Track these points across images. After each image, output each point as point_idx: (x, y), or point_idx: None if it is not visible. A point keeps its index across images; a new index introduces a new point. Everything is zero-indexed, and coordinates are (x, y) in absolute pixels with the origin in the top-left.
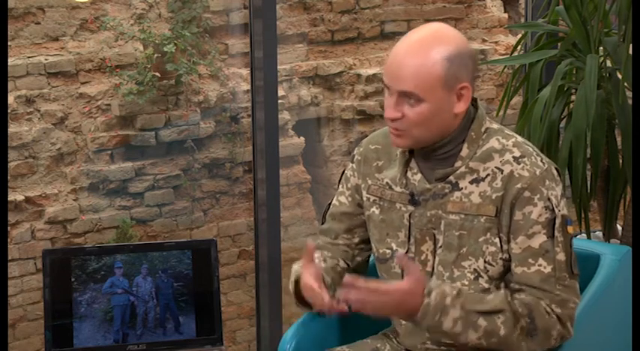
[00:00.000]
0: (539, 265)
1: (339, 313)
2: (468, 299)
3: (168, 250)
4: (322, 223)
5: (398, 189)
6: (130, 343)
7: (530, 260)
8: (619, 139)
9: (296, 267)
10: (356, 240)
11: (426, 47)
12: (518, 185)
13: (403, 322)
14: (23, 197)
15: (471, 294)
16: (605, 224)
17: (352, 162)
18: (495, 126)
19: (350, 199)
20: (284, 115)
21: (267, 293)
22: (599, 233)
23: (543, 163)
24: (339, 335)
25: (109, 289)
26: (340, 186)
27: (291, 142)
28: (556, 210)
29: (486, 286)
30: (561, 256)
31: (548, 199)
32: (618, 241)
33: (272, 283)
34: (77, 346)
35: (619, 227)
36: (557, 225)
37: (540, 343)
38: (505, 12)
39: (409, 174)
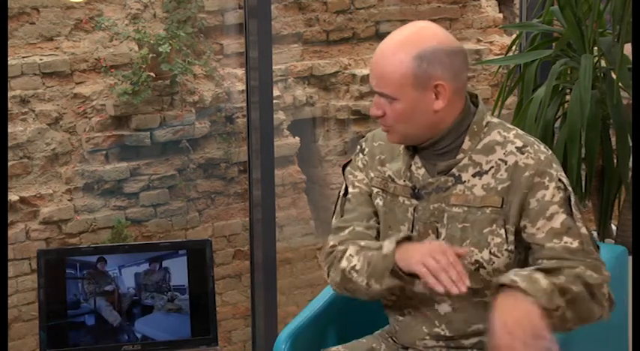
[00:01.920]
0: (566, 243)
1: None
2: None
3: (164, 251)
4: (341, 216)
5: (401, 182)
6: (125, 343)
7: (555, 241)
8: (613, 139)
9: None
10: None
11: (396, 47)
12: (526, 173)
13: (400, 318)
14: (18, 197)
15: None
16: (600, 224)
17: (362, 153)
18: (496, 120)
19: (365, 181)
20: (279, 115)
21: (263, 293)
22: (594, 233)
23: (547, 149)
24: (334, 335)
25: (103, 290)
26: (352, 175)
27: (286, 142)
28: (569, 188)
29: (487, 278)
30: (584, 230)
31: (559, 179)
32: (613, 241)
33: (267, 284)
34: (72, 347)
35: (613, 227)
36: (572, 202)
37: (600, 303)
38: (500, 12)
39: (413, 168)
